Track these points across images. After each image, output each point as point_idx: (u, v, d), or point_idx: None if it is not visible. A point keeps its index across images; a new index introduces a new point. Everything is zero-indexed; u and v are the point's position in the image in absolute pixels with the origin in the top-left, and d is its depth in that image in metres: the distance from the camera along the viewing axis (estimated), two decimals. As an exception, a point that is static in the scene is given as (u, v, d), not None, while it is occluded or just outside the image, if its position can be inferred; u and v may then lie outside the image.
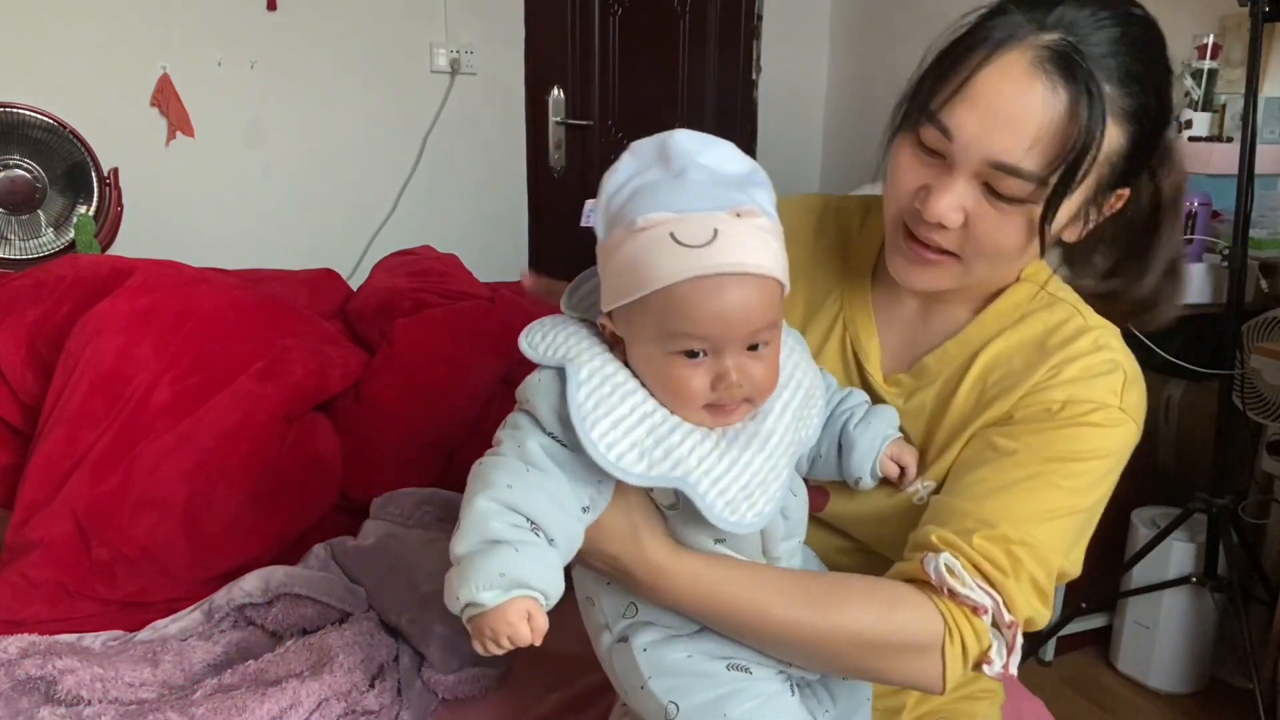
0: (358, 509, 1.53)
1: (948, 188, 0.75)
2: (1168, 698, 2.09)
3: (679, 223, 0.68)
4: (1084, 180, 0.73)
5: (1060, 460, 0.78)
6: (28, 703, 1.09)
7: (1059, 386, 0.80)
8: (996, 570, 0.74)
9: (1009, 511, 0.76)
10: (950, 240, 0.78)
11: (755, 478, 0.73)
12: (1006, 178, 0.73)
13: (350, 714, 1.09)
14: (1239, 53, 2.12)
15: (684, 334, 0.70)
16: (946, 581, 0.73)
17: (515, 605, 0.65)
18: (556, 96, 3.30)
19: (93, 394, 1.39)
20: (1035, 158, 0.72)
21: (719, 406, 0.73)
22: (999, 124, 0.72)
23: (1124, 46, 0.73)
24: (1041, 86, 0.71)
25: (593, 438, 0.70)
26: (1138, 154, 0.77)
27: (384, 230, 3.06)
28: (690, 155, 0.72)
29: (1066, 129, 0.71)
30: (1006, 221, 0.75)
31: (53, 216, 2.44)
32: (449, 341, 1.68)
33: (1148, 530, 2.06)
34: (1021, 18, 0.73)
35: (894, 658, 0.75)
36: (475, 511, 0.69)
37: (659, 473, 0.71)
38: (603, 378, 0.74)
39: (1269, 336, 1.92)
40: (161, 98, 2.70)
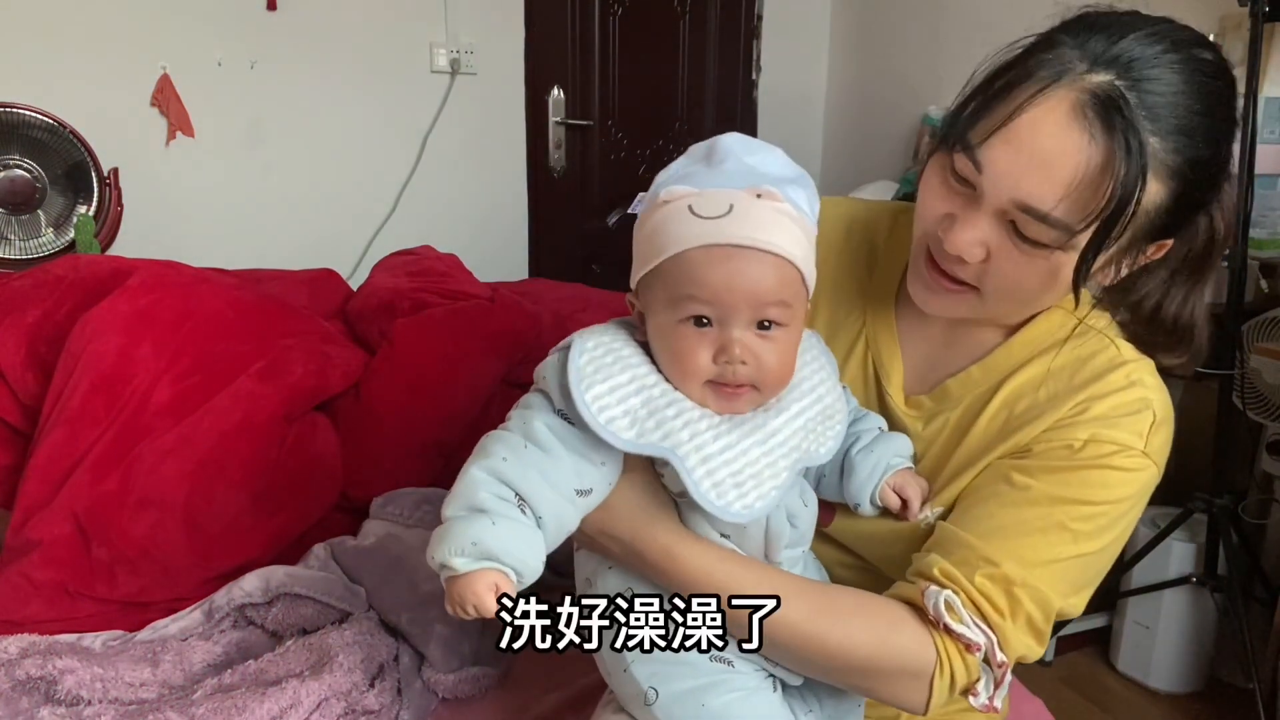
0: (358, 509, 1.53)
1: (972, 222, 0.73)
2: (1168, 698, 2.09)
3: (698, 196, 0.71)
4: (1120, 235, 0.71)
5: (1074, 503, 0.76)
6: (28, 703, 1.09)
7: (1084, 424, 0.78)
8: (995, 611, 0.74)
9: (1014, 552, 0.75)
10: (969, 274, 0.76)
11: (749, 468, 0.73)
12: (1034, 222, 0.70)
13: (350, 714, 1.09)
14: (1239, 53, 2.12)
15: (690, 297, 0.71)
16: (944, 619, 0.73)
17: (484, 576, 0.66)
18: (556, 96, 3.30)
19: (93, 394, 1.39)
20: (1066, 207, 0.69)
21: (722, 386, 0.73)
22: (1033, 167, 0.69)
23: (1185, 94, 0.69)
24: (1079, 133, 0.68)
25: (586, 399, 0.71)
26: (1182, 209, 0.73)
27: (384, 230, 3.06)
28: (736, 154, 0.74)
29: (1101, 182, 0.68)
30: (1029, 264, 0.73)
31: (53, 216, 2.44)
32: (449, 341, 1.68)
33: (1148, 530, 2.06)
34: (1075, 54, 0.70)
35: (883, 679, 0.76)
36: (467, 479, 0.71)
37: (648, 441, 0.71)
38: (608, 349, 0.75)
39: (1269, 336, 1.92)
40: (161, 98, 2.70)
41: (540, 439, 0.72)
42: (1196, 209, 0.76)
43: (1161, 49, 0.69)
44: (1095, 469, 0.76)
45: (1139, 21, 0.72)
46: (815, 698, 0.85)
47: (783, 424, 0.76)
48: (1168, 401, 0.81)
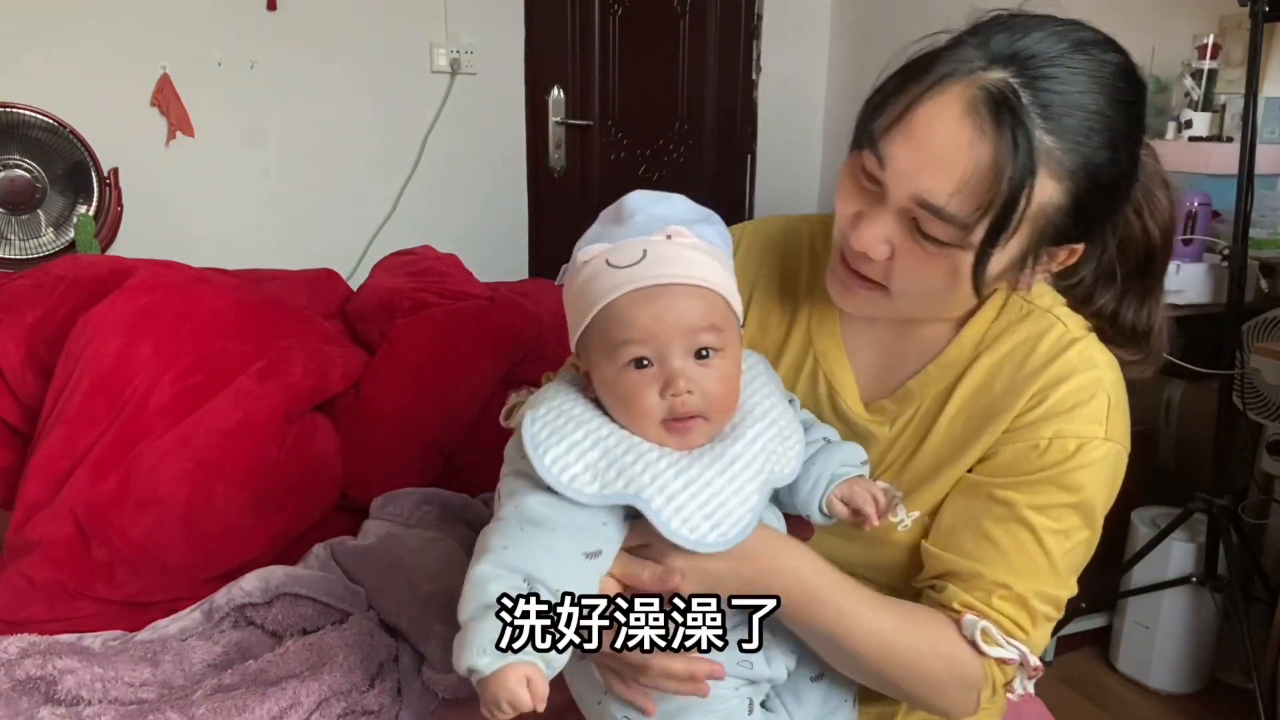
0: (358, 509, 1.53)
1: (877, 218, 0.74)
2: (1168, 698, 2.09)
3: (613, 250, 0.74)
4: (1015, 233, 0.70)
5: (1058, 508, 0.78)
6: (28, 703, 1.09)
7: (1044, 422, 0.79)
8: (1019, 629, 0.78)
9: (1019, 569, 0.78)
10: (876, 272, 0.77)
11: (716, 498, 0.73)
12: (931, 219, 0.71)
13: (350, 714, 1.09)
14: (1239, 53, 2.12)
15: (625, 342, 0.73)
16: (981, 645, 0.77)
17: (514, 671, 0.66)
18: (556, 96, 3.30)
19: (93, 394, 1.39)
20: (960, 203, 0.69)
21: (675, 422, 0.74)
22: (929, 162, 0.70)
23: (1085, 95, 0.69)
24: (971, 129, 0.68)
25: (545, 463, 0.73)
26: (1084, 213, 0.72)
27: (384, 230, 3.06)
28: (643, 208, 0.77)
29: (991, 178, 0.68)
30: (931, 262, 0.73)
31: (53, 216, 2.44)
32: (449, 341, 1.68)
33: (1148, 530, 2.06)
34: (976, 51, 0.70)
35: (945, 691, 0.79)
36: (475, 577, 0.71)
37: (612, 491, 0.72)
38: (559, 411, 0.77)
39: (1269, 336, 1.92)
40: (161, 98, 2.70)
41: (535, 516, 0.73)
42: (1102, 214, 0.75)
43: (1064, 48, 0.69)
44: (1067, 472, 0.78)
45: (1047, 22, 0.71)
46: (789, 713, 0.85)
47: (742, 449, 0.76)
48: (1119, 377, 0.82)
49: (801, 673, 0.85)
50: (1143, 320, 0.85)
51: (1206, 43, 2.11)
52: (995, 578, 0.78)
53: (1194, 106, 2.15)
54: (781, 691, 0.85)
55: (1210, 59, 2.11)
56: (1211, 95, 2.15)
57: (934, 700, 0.80)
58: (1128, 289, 0.85)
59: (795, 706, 0.84)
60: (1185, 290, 1.97)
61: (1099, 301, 0.86)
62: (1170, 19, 2.38)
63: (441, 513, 1.46)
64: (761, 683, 0.82)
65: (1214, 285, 1.98)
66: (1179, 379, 2.20)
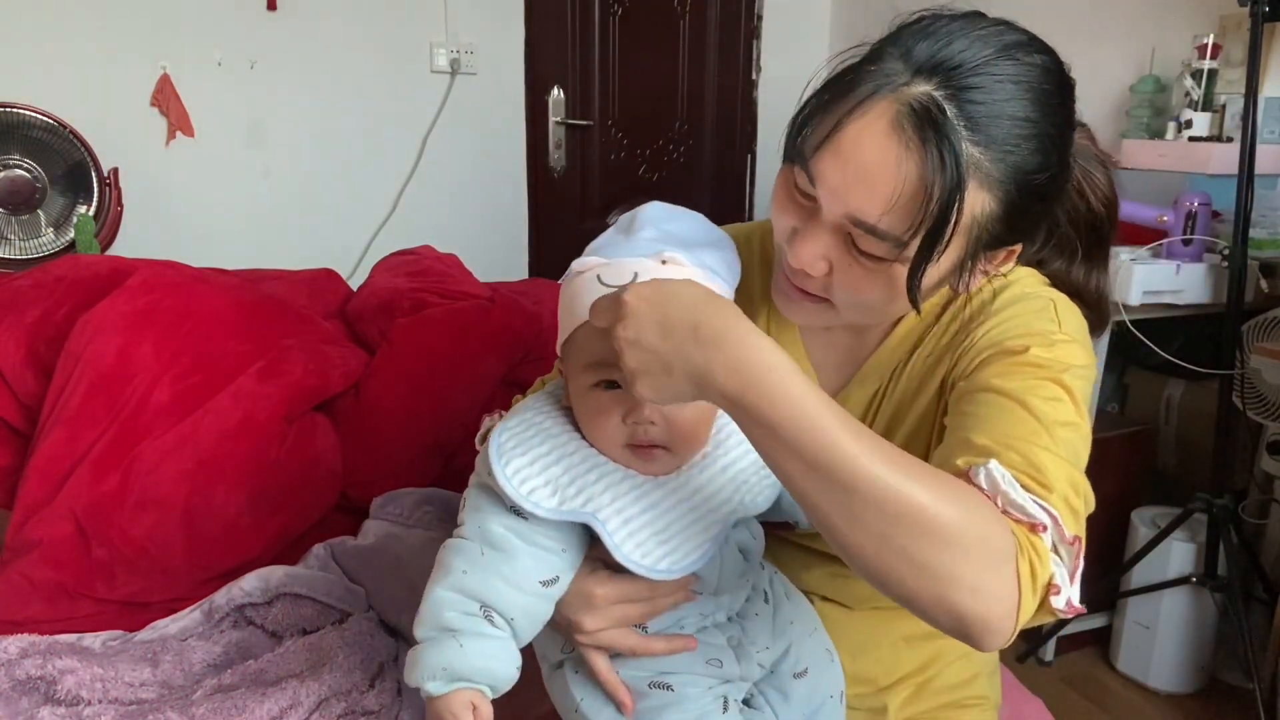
0: (358, 509, 1.53)
1: (813, 236, 0.73)
2: (1168, 698, 2.09)
3: (606, 266, 0.73)
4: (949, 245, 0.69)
5: (1039, 380, 0.72)
6: (28, 703, 1.09)
7: (999, 327, 0.78)
8: (1036, 484, 0.65)
9: (1015, 433, 0.68)
10: (816, 286, 0.76)
11: (674, 525, 0.74)
12: (865, 235, 0.70)
13: (350, 714, 1.09)
14: (1239, 53, 2.12)
15: (598, 361, 0.72)
16: (1001, 486, 0.63)
17: (458, 697, 0.71)
18: (556, 96, 3.30)
19: (93, 394, 1.39)
20: (892, 220, 0.68)
21: (637, 448, 0.74)
22: (859, 182, 0.68)
23: (1011, 103, 0.67)
24: (898, 146, 0.67)
25: (506, 473, 0.73)
26: (1018, 218, 0.72)
27: (384, 230, 3.07)
28: (656, 222, 0.76)
29: (921, 195, 0.67)
30: (869, 277, 0.73)
31: (53, 216, 2.44)
32: (449, 341, 1.68)
33: (1148, 530, 2.07)
34: (899, 64, 0.69)
35: (972, 558, 0.59)
36: (432, 599, 0.73)
37: (569, 508, 0.73)
38: (529, 423, 0.78)
39: (1269, 336, 1.92)
40: (161, 98, 2.70)
41: (496, 541, 0.74)
42: (1036, 217, 0.75)
43: (989, 55, 0.68)
44: (1038, 351, 0.74)
45: (970, 25, 0.70)
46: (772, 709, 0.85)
47: (709, 479, 0.76)
48: (1058, 296, 0.82)
49: (785, 670, 0.85)
50: (1090, 290, 0.86)
51: (1206, 43, 2.11)
52: (992, 437, 0.68)
53: (1194, 106, 2.15)
54: (765, 689, 0.85)
55: (1210, 59, 2.12)
56: (1211, 95, 2.15)
57: (961, 568, 0.58)
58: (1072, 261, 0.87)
59: (781, 704, 0.84)
60: (1185, 290, 1.97)
61: (1050, 268, 0.87)
62: (1170, 19, 2.38)
63: (441, 513, 1.46)
64: (736, 681, 0.82)
65: (1214, 285, 1.98)
66: (1179, 379, 2.20)
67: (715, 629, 0.82)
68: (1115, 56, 2.51)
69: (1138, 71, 2.44)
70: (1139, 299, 1.92)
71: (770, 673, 0.85)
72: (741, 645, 0.81)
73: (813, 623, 0.89)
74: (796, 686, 0.85)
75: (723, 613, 0.82)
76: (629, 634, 0.78)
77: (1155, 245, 1.98)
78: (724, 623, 0.82)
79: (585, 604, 0.77)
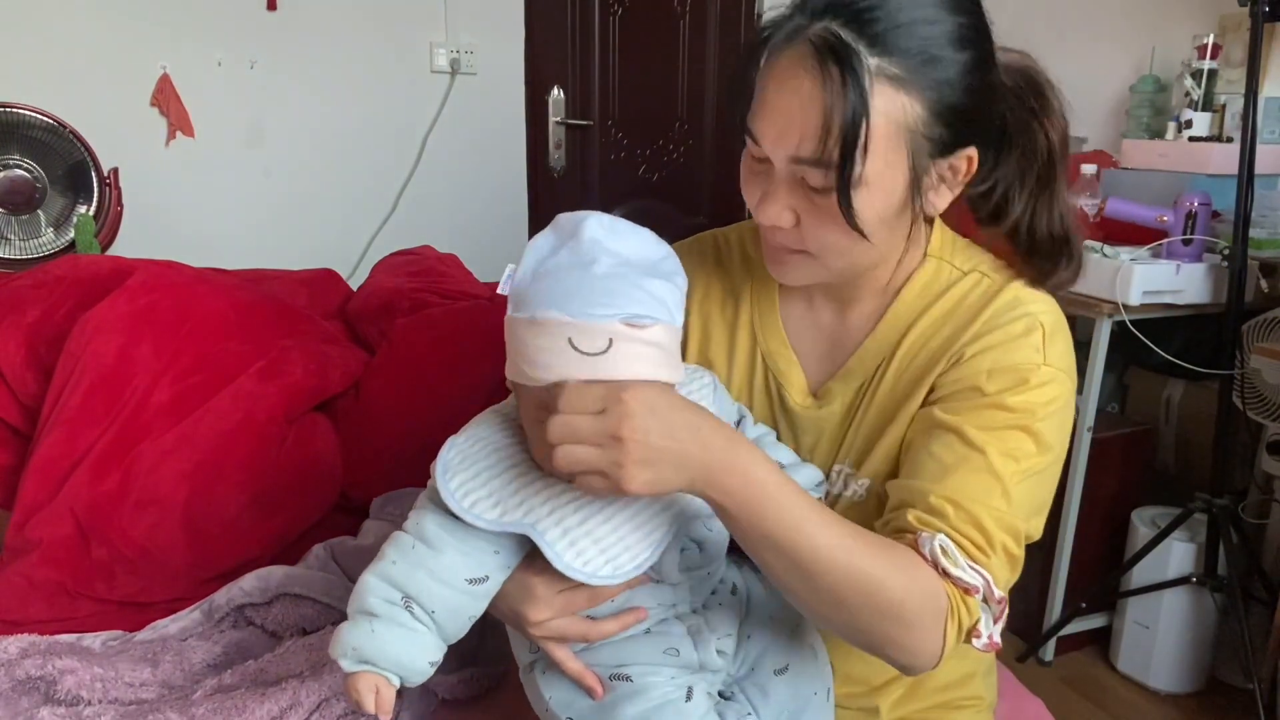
0: (358, 509, 1.53)
1: (773, 193, 0.78)
2: (1168, 698, 2.09)
3: (575, 329, 0.70)
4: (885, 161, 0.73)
5: (1005, 429, 0.78)
6: (28, 703, 1.09)
7: (982, 355, 0.81)
8: (977, 549, 0.75)
9: (970, 488, 0.76)
10: (791, 240, 0.80)
11: (614, 534, 0.75)
12: (809, 170, 0.74)
13: (350, 714, 1.09)
14: (1239, 53, 2.12)
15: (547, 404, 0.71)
16: (942, 563, 0.73)
17: (364, 679, 0.75)
18: (556, 96, 3.30)
19: (92, 394, 1.39)
20: (816, 145, 0.73)
21: None
22: (788, 124, 0.74)
23: (907, 9, 0.72)
24: (808, 78, 0.72)
25: (450, 487, 0.76)
26: (953, 117, 0.75)
27: (384, 230, 3.07)
28: (602, 243, 0.76)
29: (838, 111, 0.71)
30: (831, 213, 0.76)
31: (53, 216, 2.44)
32: (449, 341, 1.68)
33: (1148, 530, 2.07)
34: (798, 16, 0.74)
35: (906, 623, 0.72)
36: (361, 583, 0.77)
37: (510, 520, 0.75)
38: (479, 438, 0.80)
39: (1269, 336, 1.92)
40: (161, 98, 2.70)
41: (428, 536, 0.77)
42: (972, 113, 0.77)
43: None
44: (1010, 396, 0.79)
45: None
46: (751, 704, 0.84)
47: None
48: (1054, 309, 0.85)
49: (765, 667, 0.85)
50: (1056, 224, 0.87)
51: (1206, 43, 2.12)
52: (946, 494, 0.76)
53: (1194, 106, 2.15)
54: (746, 686, 0.84)
55: (1210, 59, 2.12)
56: (1211, 95, 2.15)
57: (898, 635, 0.72)
58: (1037, 195, 0.87)
59: (761, 701, 0.84)
60: (1185, 290, 1.97)
61: (1013, 214, 0.87)
62: (1170, 19, 2.38)
63: (441, 513, 1.46)
64: (696, 670, 0.81)
65: (1214, 285, 1.98)
66: (1179, 379, 2.20)
67: (675, 620, 0.82)
68: (1115, 56, 2.51)
69: (1138, 71, 2.44)
70: (1139, 299, 1.92)
71: (751, 669, 0.85)
72: (701, 632, 0.81)
73: (795, 619, 0.88)
74: (777, 684, 0.84)
75: (685, 604, 0.82)
76: (577, 621, 0.80)
77: (1155, 245, 1.98)
78: (686, 613, 0.83)
79: (527, 595, 0.79)
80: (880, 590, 0.70)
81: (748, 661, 0.85)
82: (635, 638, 0.81)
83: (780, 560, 0.70)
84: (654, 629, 0.82)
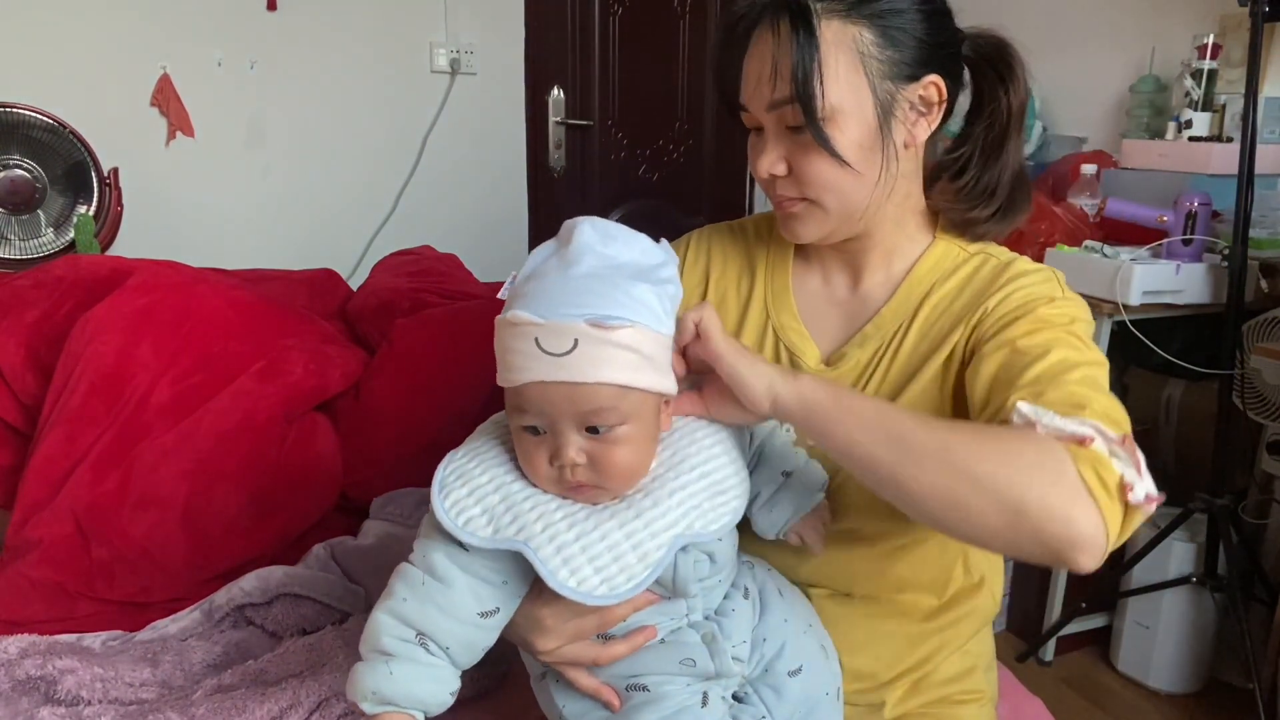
0: (358, 509, 1.53)
1: (764, 147, 0.86)
2: (1168, 698, 2.09)
3: (542, 330, 0.71)
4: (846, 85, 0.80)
5: (1051, 327, 0.81)
6: (28, 703, 1.09)
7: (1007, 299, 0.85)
8: (1072, 409, 0.70)
9: (1045, 373, 0.75)
10: (792, 188, 0.86)
11: (610, 552, 0.73)
12: (784, 109, 0.82)
13: (350, 714, 1.09)
14: (1239, 53, 2.12)
15: (518, 409, 0.75)
16: (1041, 420, 0.69)
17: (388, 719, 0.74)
18: (556, 96, 3.30)
19: (92, 394, 1.39)
20: (785, 85, 0.80)
21: (566, 485, 0.75)
22: (764, 79, 0.82)
23: None
24: (772, 39, 0.81)
25: (445, 506, 0.75)
26: (904, 40, 0.82)
27: (384, 230, 3.07)
28: (592, 248, 0.75)
29: (793, 51, 0.79)
30: (816, 149, 0.82)
31: (53, 216, 2.44)
32: (449, 341, 1.68)
33: (1148, 530, 2.06)
34: None
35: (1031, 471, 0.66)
36: (373, 622, 0.76)
37: (503, 537, 0.74)
38: (475, 454, 0.80)
39: (1269, 336, 1.92)
40: (161, 98, 2.70)
41: (438, 571, 0.75)
42: (923, 36, 0.83)
43: None
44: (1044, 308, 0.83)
45: None
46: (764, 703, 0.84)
47: (652, 505, 0.76)
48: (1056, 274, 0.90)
49: (779, 668, 0.85)
50: (993, 179, 0.92)
51: (1206, 43, 2.11)
52: (1022, 384, 0.75)
53: (1194, 106, 2.15)
54: (759, 686, 0.85)
55: (1210, 59, 2.11)
56: (1211, 95, 2.15)
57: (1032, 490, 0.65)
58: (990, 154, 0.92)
59: (775, 702, 0.84)
60: (1185, 290, 1.97)
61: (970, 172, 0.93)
62: (1170, 19, 2.38)
63: (441, 513, 1.46)
64: (714, 678, 0.81)
65: (1214, 285, 1.98)
66: (1179, 379, 2.20)
67: (689, 628, 0.81)
68: (1115, 56, 2.51)
69: (1138, 71, 2.44)
70: (1139, 299, 1.92)
71: (764, 670, 0.85)
72: (715, 640, 0.81)
73: (807, 619, 0.89)
74: (791, 685, 0.84)
75: (698, 613, 0.82)
76: (588, 646, 0.79)
77: (1155, 245, 1.98)
78: (699, 621, 0.82)
79: (536, 627, 0.78)
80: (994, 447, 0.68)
81: (761, 663, 0.85)
82: (650, 648, 0.80)
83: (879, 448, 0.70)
84: (668, 638, 0.81)
